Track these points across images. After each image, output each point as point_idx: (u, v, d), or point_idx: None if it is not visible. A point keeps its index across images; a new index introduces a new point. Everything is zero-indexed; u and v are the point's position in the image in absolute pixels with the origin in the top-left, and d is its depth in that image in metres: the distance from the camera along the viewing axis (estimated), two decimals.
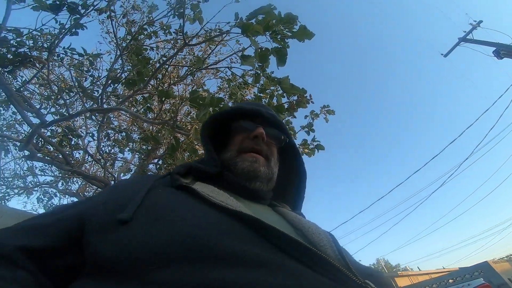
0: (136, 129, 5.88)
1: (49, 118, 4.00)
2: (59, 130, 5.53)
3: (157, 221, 0.49)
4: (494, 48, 8.36)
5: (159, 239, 0.44)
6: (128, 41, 3.40)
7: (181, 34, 3.33)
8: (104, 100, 3.73)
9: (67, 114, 3.30)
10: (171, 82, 4.04)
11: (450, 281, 14.06)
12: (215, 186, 0.66)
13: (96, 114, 3.67)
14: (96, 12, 3.12)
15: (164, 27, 3.51)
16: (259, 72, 3.44)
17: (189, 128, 3.59)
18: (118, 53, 3.35)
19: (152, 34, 3.47)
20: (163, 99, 3.16)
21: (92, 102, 3.43)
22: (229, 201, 0.57)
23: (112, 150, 6.64)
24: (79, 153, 6.66)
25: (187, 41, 3.06)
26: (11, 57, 2.64)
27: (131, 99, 4.14)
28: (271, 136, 0.84)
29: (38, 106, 4.39)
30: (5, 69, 2.76)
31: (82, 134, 5.52)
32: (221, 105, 2.86)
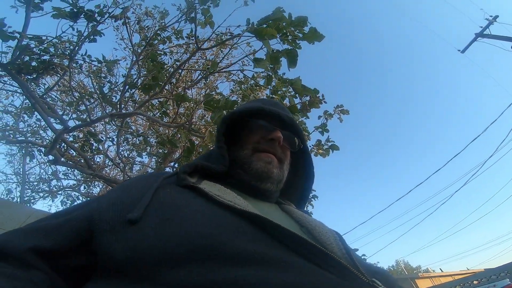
0: (152, 134, 6.01)
1: (71, 124, 4.16)
2: (81, 135, 5.75)
3: (166, 221, 0.49)
4: None
5: (168, 239, 0.45)
6: (143, 47, 3.50)
7: (193, 38, 3.41)
8: (123, 106, 3.86)
9: (88, 120, 3.44)
10: (185, 86, 4.12)
11: (475, 282, 13.52)
12: (222, 184, 0.66)
13: (116, 119, 3.79)
14: (111, 20, 3.23)
15: (176, 32, 3.59)
16: (271, 74, 3.47)
17: (203, 131, 3.66)
18: (134, 59, 3.45)
19: (166, 40, 3.57)
20: (179, 102, 3.23)
21: (111, 108, 3.55)
22: (236, 200, 0.58)
23: (131, 154, 6.85)
24: (100, 158, 6.89)
25: (199, 46, 3.12)
26: (35, 64, 2.77)
27: (147, 104, 4.26)
28: (286, 140, 0.84)
29: (60, 113, 4.57)
30: (30, 76, 2.90)
31: (103, 139, 5.70)
32: (235, 107, 2.90)
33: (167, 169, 6.86)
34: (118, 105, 3.66)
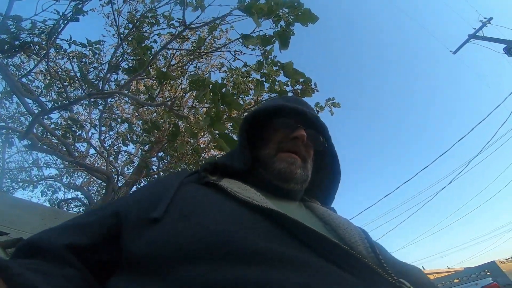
0: (138, 122, 5.84)
1: (51, 107, 3.95)
2: (63, 123, 5.54)
3: (184, 218, 0.49)
4: (505, 46, 8.23)
5: (185, 236, 0.45)
6: (130, 29, 3.34)
7: (182, 22, 3.27)
8: (106, 87, 3.68)
9: (66, 101, 3.27)
10: (169, 65, 3.97)
11: (456, 280, 13.93)
12: (242, 182, 0.66)
13: (98, 100, 3.63)
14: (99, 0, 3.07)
15: (166, 17, 3.45)
16: (261, 59, 3.39)
17: (189, 115, 3.52)
18: (119, 41, 3.29)
19: (154, 22, 3.42)
20: (162, 80, 3.08)
21: (92, 89, 3.38)
22: (255, 196, 0.57)
23: (116, 143, 6.64)
24: (83, 146, 6.67)
25: (187, 25, 2.98)
26: (9, 40, 2.60)
27: (133, 88, 4.09)
28: (311, 138, 0.81)
29: (41, 98, 4.34)
30: (4, 54, 2.71)
31: (86, 126, 5.49)
32: (223, 90, 2.81)
33: (154, 159, 6.73)
34: (99, 87, 3.50)
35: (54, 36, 2.98)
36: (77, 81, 3.59)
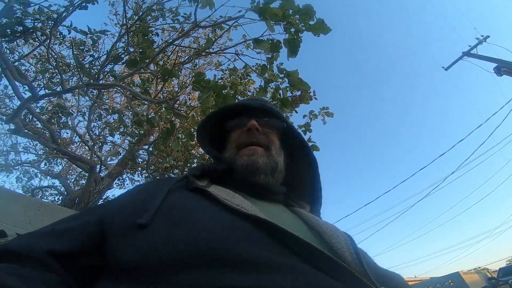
0: (129, 114, 5.81)
1: (42, 94, 3.93)
2: (49, 108, 5.44)
3: (174, 225, 0.50)
4: (496, 65, 8.60)
5: (175, 244, 0.46)
6: (135, 20, 3.37)
7: (190, 19, 3.33)
8: (101, 78, 3.70)
9: (61, 89, 3.27)
10: (175, 63, 4.01)
11: None
12: (230, 188, 0.67)
13: (93, 90, 3.63)
14: None
15: (172, 11, 3.48)
16: (265, 64, 3.48)
17: (188, 113, 3.58)
18: (123, 32, 3.31)
19: (159, 16, 3.45)
20: (166, 77, 3.13)
21: (89, 79, 3.39)
22: (244, 204, 0.58)
23: (102, 133, 6.58)
24: (67, 133, 6.58)
25: (198, 23, 3.04)
26: (14, 26, 2.60)
27: (128, 80, 4.11)
28: (265, 124, 0.85)
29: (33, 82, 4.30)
30: (5, 39, 2.71)
31: (73, 113, 5.44)
32: (223, 92, 2.88)
33: (141, 152, 6.72)
34: (96, 77, 3.51)
35: (59, 21, 2.99)
36: (72, 69, 3.59)
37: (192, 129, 3.46)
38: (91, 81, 3.32)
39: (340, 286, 0.44)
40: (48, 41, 3.01)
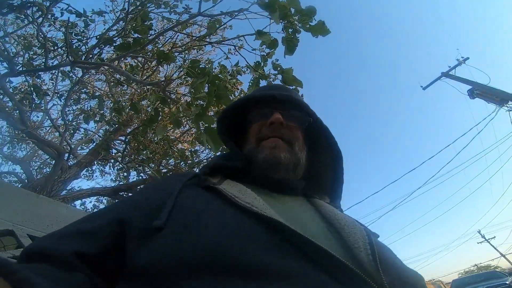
0: (109, 102, 5.62)
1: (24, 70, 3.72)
2: (23, 89, 5.15)
3: (185, 229, 0.50)
4: (470, 87, 9.15)
5: (185, 249, 0.46)
6: (137, 5, 3.29)
7: (189, 11, 3.29)
8: (89, 59, 3.56)
9: (43, 66, 3.11)
10: (173, 47, 3.93)
11: None
12: (244, 183, 0.66)
13: (73, 74, 3.48)
14: None
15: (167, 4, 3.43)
16: (260, 61, 3.52)
17: (179, 97, 3.52)
18: (122, 15, 3.22)
19: (161, 4, 3.37)
20: (162, 61, 3.05)
21: (75, 59, 3.26)
22: (255, 202, 0.57)
23: (76, 119, 6.31)
24: (37, 117, 6.25)
25: (201, 11, 3.01)
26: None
27: (115, 64, 3.98)
28: (290, 118, 0.81)
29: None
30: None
31: (49, 94, 5.18)
32: (217, 83, 2.88)
33: (117, 142, 6.51)
34: (83, 58, 3.38)
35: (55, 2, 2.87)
36: (58, 49, 3.43)
37: (180, 116, 3.40)
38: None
39: None
40: (41, 18, 2.86)
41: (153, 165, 6.08)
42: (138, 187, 6.56)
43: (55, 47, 3.57)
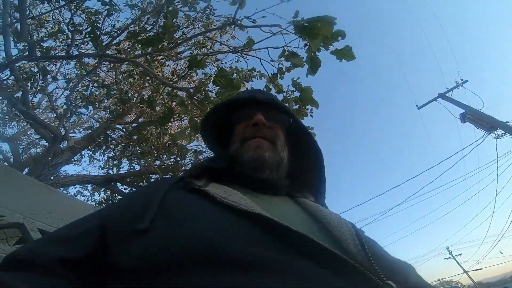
0: (113, 91, 5.52)
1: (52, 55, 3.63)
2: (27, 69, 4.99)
3: (171, 228, 0.51)
4: (463, 111, 9.47)
5: (172, 246, 0.46)
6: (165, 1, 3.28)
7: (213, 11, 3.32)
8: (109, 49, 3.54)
9: (66, 53, 3.07)
10: (206, 54, 3.92)
11: None
12: (229, 185, 0.67)
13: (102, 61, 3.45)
14: None
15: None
16: (277, 73, 3.61)
17: (206, 105, 3.54)
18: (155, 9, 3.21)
19: (193, 4, 3.36)
20: (193, 67, 3.05)
21: (98, 49, 3.22)
22: (242, 201, 0.58)
23: (75, 103, 6.17)
24: (36, 97, 6.05)
25: (235, 20, 3.04)
26: None
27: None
28: (272, 119, 0.84)
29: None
30: None
31: (58, 78, 5.08)
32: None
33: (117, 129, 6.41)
34: (106, 49, 3.35)
35: None
36: (82, 38, 3.38)
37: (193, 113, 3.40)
38: (105, 52, 3.16)
39: (342, 282, 0.44)
40: (64, 2, 2.82)
41: (150, 158, 6.05)
42: (130, 178, 6.51)
43: (81, 36, 3.50)
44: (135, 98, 5.99)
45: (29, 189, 1.92)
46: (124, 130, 6.18)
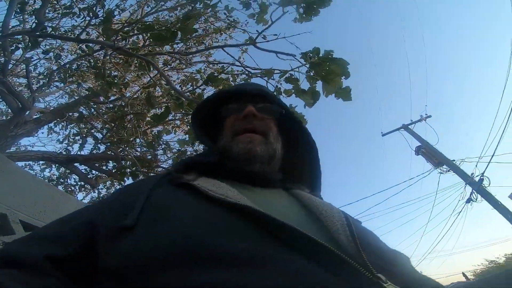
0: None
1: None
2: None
3: (155, 225, 0.51)
4: (419, 144, 10.30)
5: (153, 244, 0.46)
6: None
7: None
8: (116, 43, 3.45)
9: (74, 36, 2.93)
10: (221, 71, 3.93)
11: None
12: (219, 179, 0.66)
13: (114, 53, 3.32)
14: None
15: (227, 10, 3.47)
16: (274, 92, 3.76)
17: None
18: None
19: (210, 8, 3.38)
20: (209, 83, 3.10)
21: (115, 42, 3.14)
22: (229, 193, 0.57)
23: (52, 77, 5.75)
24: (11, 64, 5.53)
25: (254, 41, 3.17)
26: None
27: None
28: (263, 110, 0.83)
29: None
30: None
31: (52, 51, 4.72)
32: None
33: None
34: (115, 40, 3.27)
35: None
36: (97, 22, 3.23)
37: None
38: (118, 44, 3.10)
39: (329, 278, 0.42)
40: None
41: (127, 148, 5.87)
42: (96, 163, 6.23)
43: (96, 20, 3.35)
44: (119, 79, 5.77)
45: (12, 176, 1.82)
46: (103, 109, 5.91)
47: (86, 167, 6.51)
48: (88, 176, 6.48)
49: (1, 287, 0.38)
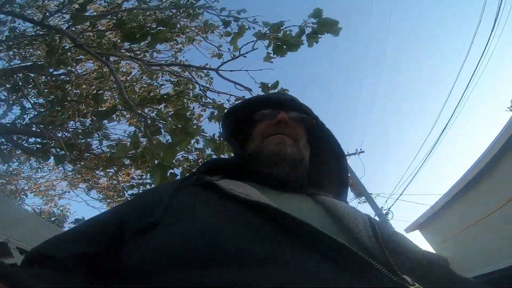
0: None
1: None
2: None
3: (177, 222, 0.52)
4: (349, 175, 11.33)
5: (174, 242, 0.47)
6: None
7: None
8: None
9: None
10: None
11: None
12: (242, 181, 0.66)
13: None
14: None
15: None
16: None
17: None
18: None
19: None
20: (177, 122, 3.00)
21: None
22: (249, 192, 0.57)
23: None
24: None
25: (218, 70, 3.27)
26: None
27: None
28: (295, 119, 0.84)
29: None
30: None
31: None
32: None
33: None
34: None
35: None
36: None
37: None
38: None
39: (347, 275, 0.41)
40: None
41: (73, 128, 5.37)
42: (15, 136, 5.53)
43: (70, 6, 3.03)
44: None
45: (12, 213, 2.30)
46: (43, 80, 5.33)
47: (2, 139, 5.75)
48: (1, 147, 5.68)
49: (25, 285, 0.39)
